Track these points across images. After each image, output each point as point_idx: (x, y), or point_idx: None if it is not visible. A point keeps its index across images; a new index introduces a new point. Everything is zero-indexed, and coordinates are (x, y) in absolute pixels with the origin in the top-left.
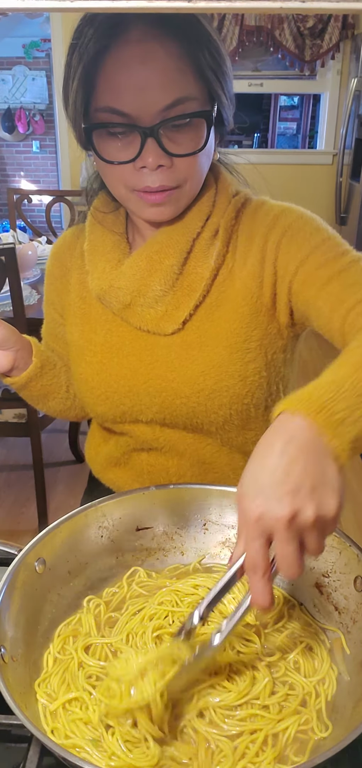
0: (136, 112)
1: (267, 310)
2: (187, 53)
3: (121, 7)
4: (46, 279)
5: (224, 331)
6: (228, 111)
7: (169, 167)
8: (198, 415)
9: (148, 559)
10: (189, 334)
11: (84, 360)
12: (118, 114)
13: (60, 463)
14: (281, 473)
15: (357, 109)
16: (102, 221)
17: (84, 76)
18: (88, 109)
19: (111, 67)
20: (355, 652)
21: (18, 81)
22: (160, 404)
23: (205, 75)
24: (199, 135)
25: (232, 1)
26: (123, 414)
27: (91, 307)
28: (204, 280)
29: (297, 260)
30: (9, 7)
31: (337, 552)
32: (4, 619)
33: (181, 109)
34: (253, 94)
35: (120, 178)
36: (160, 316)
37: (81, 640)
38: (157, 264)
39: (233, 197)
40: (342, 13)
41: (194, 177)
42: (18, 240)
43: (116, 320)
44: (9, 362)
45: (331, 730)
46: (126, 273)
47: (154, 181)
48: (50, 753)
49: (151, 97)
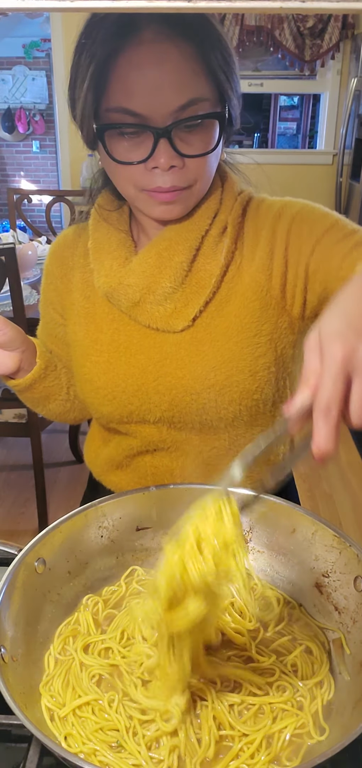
0: (149, 112)
1: (276, 303)
2: (200, 54)
3: (121, 7)
4: (45, 278)
5: (234, 326)
6: (237, 110)
7: (181, 168)
8: (208, 412)
9: (148, 559)
10: (199, 330)
11: (89, 360)
12: (130, 114)
13: (60, 464)
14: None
15: (357, 109)
16: (107, 219)
17: (95, 77)
18: (97, 109)
19: (124, 67)
20: (355, 652)
21: (18, 81)
22: (170, 402)
23: (217, 76)
24: (211, 135)
25: (232, 1)
26: (130, 414)
27: (96, 305)
28: (214, 277)
29: (312, 240)
30: (9, 7)
31: (337, 552)
32: (4, 619)
33: (194, 110)
34: (253, 94)
35: (130, 178)
36: (169, 314)
37: (80, 640)
38: (167, 261)
39: (238, 195)
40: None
41: (204, 177)
42: (18, 240)
43: (123, 318)
44: (15, 363)
45: (328, 732)
46: (135, 270)
47: (166, 182)
48: (50, 753)
49: (164, 98)
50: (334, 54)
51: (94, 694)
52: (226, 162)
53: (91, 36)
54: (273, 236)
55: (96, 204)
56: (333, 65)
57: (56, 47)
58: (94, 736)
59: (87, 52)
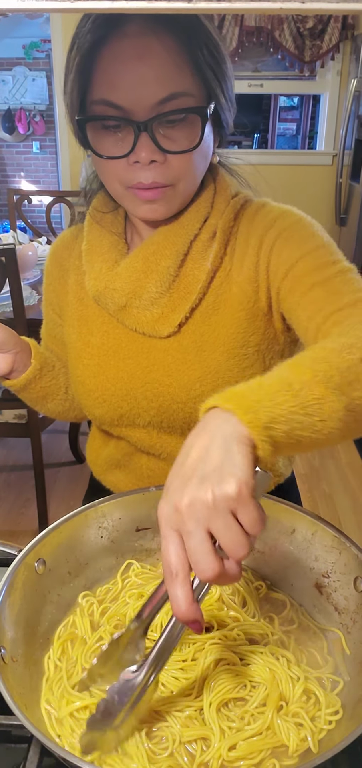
0: (131, 105)
1: (263, 314)
2: (185, 49)
3: (121, 7)
4: (45, 279)
5: (221, 336)
6: (228, 114)
7: (162, 163)
8: (194, 421)
9: (148, 559)
10: (186, 337)
11: (81, 362)
12: (112, 107)
13: (60, 464)
14: (186, 468)
15: (356, 109)
16: (100, 221)
17: (81, 68)
18: (84, 101)
19: (107, 59)
20: (355, 653)
21: (18, 82)
22: (157, 408)
23: (203, 72)
24: (194, 132)
25: (232, 2)
26: (120, 417)
27: (88, 308)
28: (200, 283)
29: (287, 265)
30: (9, 8)
31: (337, 552)
32: (4, 619)
33: (176, 104)
34: (253, 94)
35: (115, 173)
36: (155, 319)
37: (78, 648)
38: (153, 265)
39: (232, 198)
40: (342, 13)
41: (188, 176)
42: (18, 240)
43: (113, 322)
44: (8, 365)
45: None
46: (122, 274)
47: (147, 177)
48: (50, 753)
49: (145, 91)
50: (334, 55)
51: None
52: (222, 164)
53: (81, 30)
54: (259, 247)
55: (91, 206)
56: (332, 66)
57: (56, 48)
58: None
59: (76, 44)
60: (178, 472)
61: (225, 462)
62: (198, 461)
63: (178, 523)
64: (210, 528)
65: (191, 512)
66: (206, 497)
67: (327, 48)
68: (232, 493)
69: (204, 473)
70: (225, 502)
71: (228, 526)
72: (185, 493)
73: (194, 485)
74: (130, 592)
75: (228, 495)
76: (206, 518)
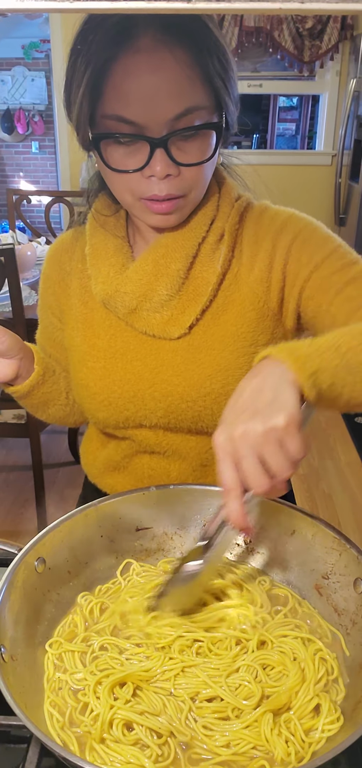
0: (145, 121)
1: (273, 314)
2: (197, 61)
3: (121, 7)
4: (43, 282)
5: (231, 334)
6: (234, 115)
7: (177, 176)
8: (203, 419)
9: (147, 559)
10: (196, 338)
11: (86, 365)
12: (126, 123)
13: (59, 464)
14: (240, 404)
15: (356, 109)
16: (103, 224)
17: (91, 83)
18: (93, 114)
19: (120, 75)
20: (355, 654)
21: (17, 82)
22: (166, 408)
23: (213, 82)
24: (208, 144)
25: (232, 2)
26: (126, 419)
27: (93, 311)
28: (210, 285)
29: (310, 266)
30: (9, 8)
31: (337, 554)
32: (4, 618)
33: (190, 119)
34: (252, 95)
35: (126, 185)
36: (165, 321)
37: (77, 648)
38: (163, 268)
39: (235, 201)
40: (341, 14)
41: (199, 185)
42: (17, 240)
43: (120, 325)
44: (13, 371)
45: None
46: (132, 278)
47: (162, 190)
48: (50, 753)
49: (160, 107)
50: (333, 55)
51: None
52: (224, 165)
53: (87, 41)
54: (273, 249)
55: (93, 209)
56: (332, 66)
57: (55, 48)
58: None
59: (83, 58)
60: (232, 407)
61: (276, 400)
62: (251, 399)
63: (232, 450)
64: (260, 453)
65: (244, 440)
66: (257, 428)
67: (327, 48)
68: (281, 426)
69: (257, 408)
70: (275, 432)
71: (275, 453)
72: (238, 424)
73: (247, 417)
74: (131, 591)
75: (277, 426)
76: (258, 444)
